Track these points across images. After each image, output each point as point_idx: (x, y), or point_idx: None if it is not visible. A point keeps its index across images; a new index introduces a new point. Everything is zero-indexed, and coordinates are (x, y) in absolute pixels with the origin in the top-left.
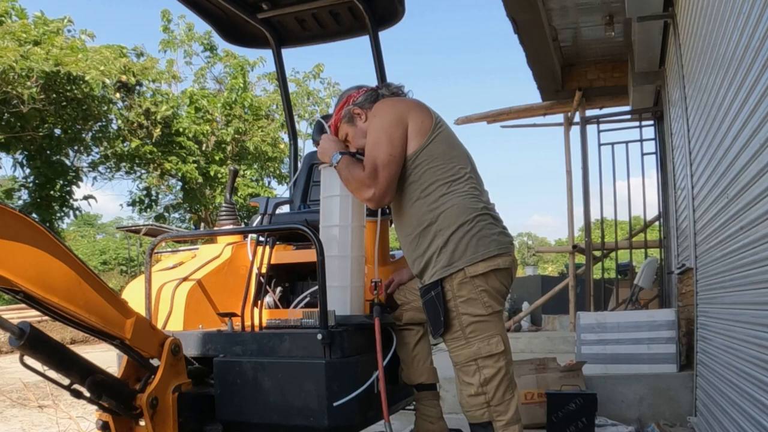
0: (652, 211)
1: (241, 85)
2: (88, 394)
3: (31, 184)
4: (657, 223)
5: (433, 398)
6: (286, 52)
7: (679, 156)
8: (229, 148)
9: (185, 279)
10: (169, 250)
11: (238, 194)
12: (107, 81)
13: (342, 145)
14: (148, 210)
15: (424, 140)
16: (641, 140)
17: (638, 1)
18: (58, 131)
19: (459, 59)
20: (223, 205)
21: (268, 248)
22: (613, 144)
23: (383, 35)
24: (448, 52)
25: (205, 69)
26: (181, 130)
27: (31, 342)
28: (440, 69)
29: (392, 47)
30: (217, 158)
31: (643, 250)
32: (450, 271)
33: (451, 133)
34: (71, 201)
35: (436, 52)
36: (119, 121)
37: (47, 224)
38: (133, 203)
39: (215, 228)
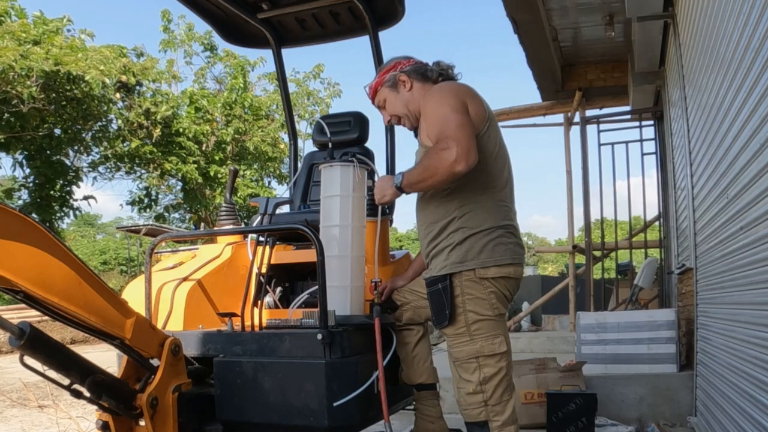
0: (652, 211)
1: (241, 85)
2: (88, 394)
3: (31, 184)
4: (657, 223)
5: (433, 398)
6: (286, 52)
7: (679, 156)
8: (229, 148)
9: (185, 279)
10: (169, 250)
11: (238, 194)
12: (107, 81)
13: (391, 177)
14: (148, 210)
15: (478, 133)
16: (641, 140)
17: (638, 1)
18: (58, 131)
19: (458, 57)
20: (223, 205)
21: (268, 248)
22: (613, 144)
23: (383, 34)
24: (447, 50)
25: (205, 69)
26: (181, 130)
27: (31, 342)
28: None
29: (392, 45)
30: (217, 158)
31: (643, 250)
32: (461, 268)
33: (498, 128)
34: (71, 201)
35: (435, 50)
36: (119, 121)
37: (47, 224)
38: (133, 203)
39: (215, 228)
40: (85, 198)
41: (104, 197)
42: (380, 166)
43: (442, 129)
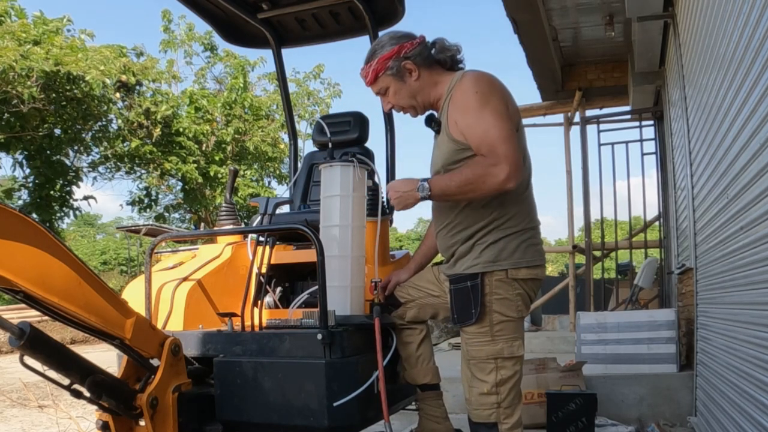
0: (652, 211)
1: (241, 85)
2: (88, 394)
3: (31, 184)
4: (657, 223)
5: (438, 398)
6: (286, 52)
7: (679, 156)
8: (229, 148)
9: (185, 279)
10: (169, 250)
11: (238, 194)
12: (107, 81)
13: (414, 180)
14: (148, 210)
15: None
16: (641, 140)
17: (638, 1)
18: (58, 131)
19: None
20: (223, 205)
21: (268, 248)
22: (613, 144)
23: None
24: None
25: (206, 69)
26: (181, 130)
27: (31, 342)
28: None
29: None
30: (217, 158)
31: (643, 250)
32: (493, 267)
33: (524, 133)
34: (71, 201)
35: None
36: (119, 121)
37: (47, 224)
38: (133, 203)
39: (215, 228)
40: (85, 198)
41: (104, 197)
42: (380, 166)
43: (491, 140)
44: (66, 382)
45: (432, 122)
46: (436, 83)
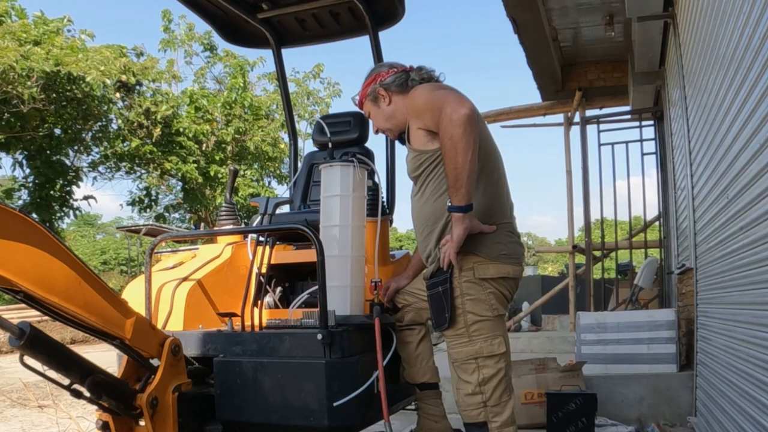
0: (652, 211)
1: (241, 84)
2: (88, 394)
3: (31, 184)
4: (657, 223)
5: (436, 397)
6: (286, 52)
7: (679, 156)
8: (229, 148)
9: (185, 279)
10: (169, 250)
11: (238, 194)
12: (107, 81)
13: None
14: (148, 210)
15: None
16: (641, 140)
17: (638, 1)
18: (58, 131)
19: (458, 56)
20: (224, 205)
21: (268, 248)
22: (613, 144)
23: (383, 34)
24: (448, 49)
25: (205, 69)
26: (181, 129)
27: (31, 342)
28: (439, 65)
29: (391, 44)
30: (217, 158)
31: (643, 250)
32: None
33: (486, 127)
34: (71, 201)
35: (436, 48)
36: (119, 121)
37: (47, 224)
38: (133, 203)
39: (215, 228)
40: (85, 198)
41: (104, 197)
42: (380, 166)
43: (433, 110)
44: (66, 382)
45: (403, 140)
46: (409, 102)
